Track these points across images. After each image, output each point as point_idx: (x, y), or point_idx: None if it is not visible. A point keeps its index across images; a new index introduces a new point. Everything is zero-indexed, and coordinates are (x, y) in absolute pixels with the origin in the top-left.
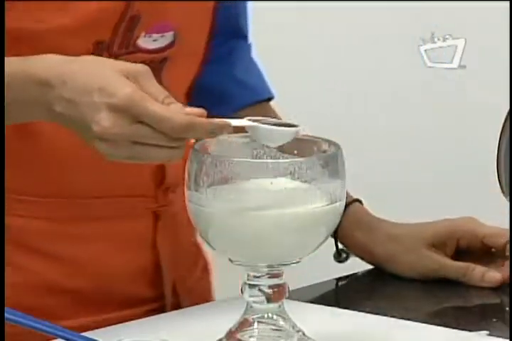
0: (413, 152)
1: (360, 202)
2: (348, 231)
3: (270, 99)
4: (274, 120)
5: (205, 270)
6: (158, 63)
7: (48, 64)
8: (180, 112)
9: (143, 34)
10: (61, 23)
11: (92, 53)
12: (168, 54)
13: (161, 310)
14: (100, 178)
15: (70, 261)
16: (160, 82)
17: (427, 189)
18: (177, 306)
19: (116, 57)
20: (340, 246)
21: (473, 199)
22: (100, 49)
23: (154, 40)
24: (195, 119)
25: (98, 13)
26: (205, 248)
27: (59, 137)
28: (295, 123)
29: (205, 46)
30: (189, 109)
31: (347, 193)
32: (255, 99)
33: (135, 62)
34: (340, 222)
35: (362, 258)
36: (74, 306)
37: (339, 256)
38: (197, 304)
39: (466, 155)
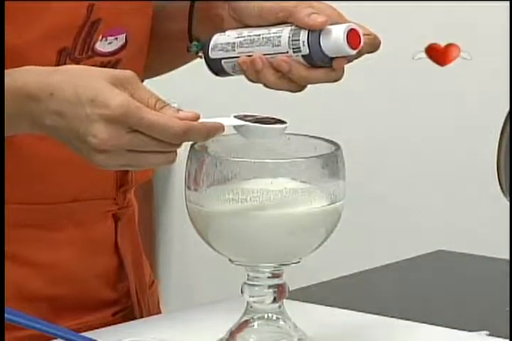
0: (413, 152)
1: None
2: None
3: None
4: (260, 115)
5: (152, 284)
6: (112, 65)
7: (32, 76)
8: (174, 116)
9: (100, 37)
10: (35, 34)
11: (57, 60)
12: (120, 56)
13: (128, 311)
14: (66, 183)
15: (43, 268)
16: None
17: (427, 189)
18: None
19: (77, 62)
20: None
21: (473, 199)
22: (63, 56)
23: (109, 43)
24: (191, 126)
25: (65, 20)
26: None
27: (26, 142)
28: (282, 118)
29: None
30: (183, 115)
31: None
32: None
33: (94, 65)
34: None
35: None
36: (49, 313)
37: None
38: (149, 313)
39: (465, 155)
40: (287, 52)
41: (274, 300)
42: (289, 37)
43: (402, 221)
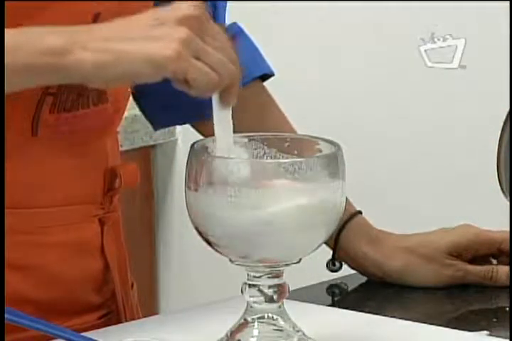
0: (413, 152)
1: (361, 213)
2: (353, 244)
3: (264, 77)
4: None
5: (132, 286)
6: None
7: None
8: None
9: None
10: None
11: None
12: None
13: (113, 314)
14: (57, 188)
15: (30, 271)
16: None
17: (426, 188)
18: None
19: None
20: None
21: (473, 199)
22: None
23: None
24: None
25: (72, 18)
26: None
27: (17, 146)
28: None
29: None
30: None
31: (349, 203)
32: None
33: None
34: (342, 232)
35: (365, 272)
36: (36, 316)
37: (333, 265)
38: (133, 316)
39: (465, 155)
40: None
41: (274, 300)
42: None
43: (402, 221)
